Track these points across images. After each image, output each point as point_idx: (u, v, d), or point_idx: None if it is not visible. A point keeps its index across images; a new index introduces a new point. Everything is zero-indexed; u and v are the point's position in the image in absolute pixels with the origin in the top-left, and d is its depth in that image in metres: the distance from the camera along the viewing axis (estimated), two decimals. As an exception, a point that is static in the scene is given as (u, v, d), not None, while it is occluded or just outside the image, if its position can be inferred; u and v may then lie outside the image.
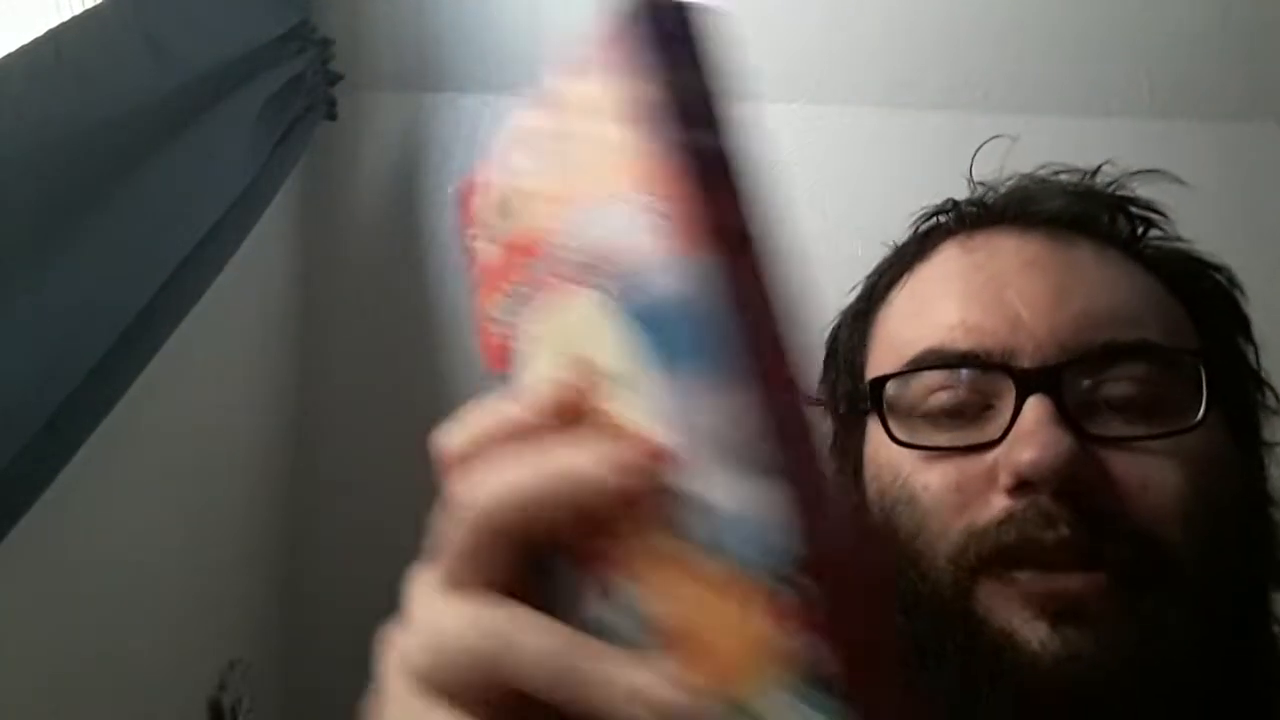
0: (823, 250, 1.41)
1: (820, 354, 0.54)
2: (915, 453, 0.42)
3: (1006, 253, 0.45)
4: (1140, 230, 0.50)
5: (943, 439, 0.41)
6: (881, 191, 1.24)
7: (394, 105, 1.25)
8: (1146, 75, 1.23)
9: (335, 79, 1.15)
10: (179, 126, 0.73)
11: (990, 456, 0.40)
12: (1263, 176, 1.24)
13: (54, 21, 0.63)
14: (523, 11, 1.21)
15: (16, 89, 0.56)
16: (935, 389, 0.42)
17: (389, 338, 1.23)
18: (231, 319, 0.99)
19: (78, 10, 0.71)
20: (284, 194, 1.03)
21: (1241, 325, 0.50)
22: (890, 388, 0.43)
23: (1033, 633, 0.37)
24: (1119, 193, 0.51)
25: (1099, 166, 0.52)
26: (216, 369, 0.97)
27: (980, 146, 0.57)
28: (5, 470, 0.53)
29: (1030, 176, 0.51)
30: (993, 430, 0.40)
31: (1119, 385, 0.40)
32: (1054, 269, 0.43)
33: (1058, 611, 0.37)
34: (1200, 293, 0.48)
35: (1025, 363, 0.40)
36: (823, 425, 0.53)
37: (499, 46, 1.23)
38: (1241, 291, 0.51)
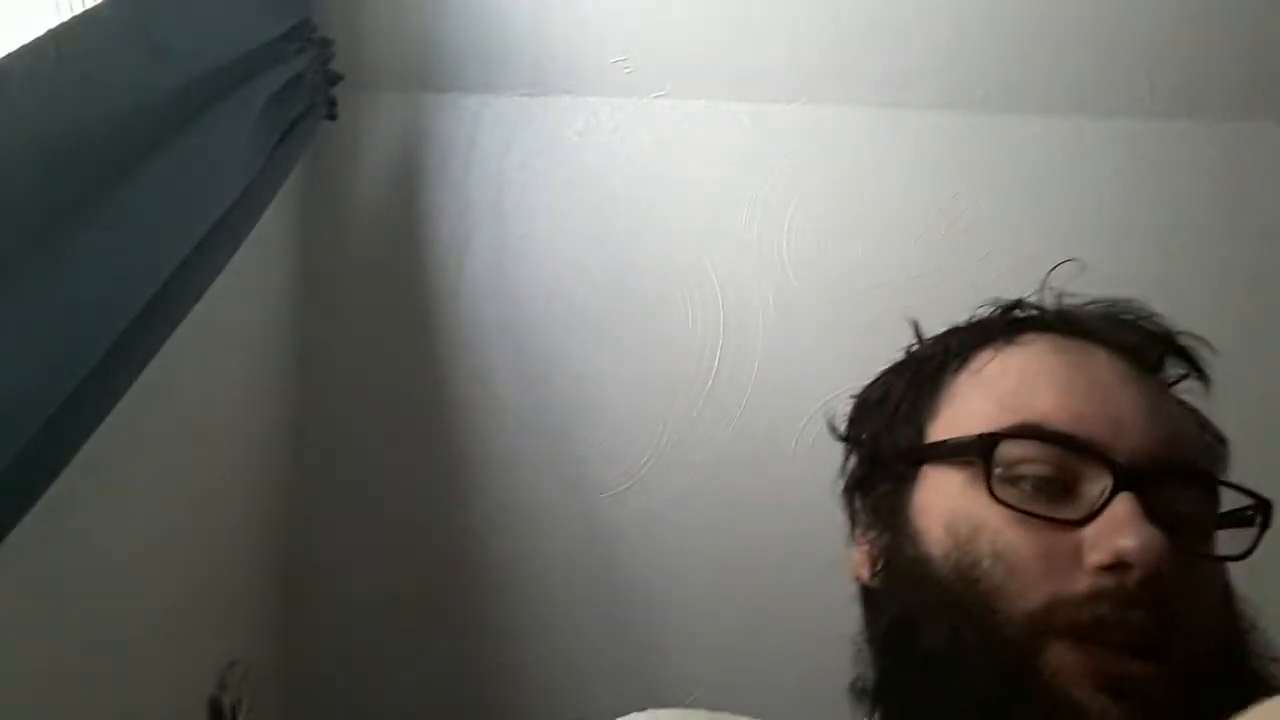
0: (823, 250, 1.42)
1: (858, 402, 0.59)
2: (1006, 513, 0.46)
3: (1101, 364, 0.50)
4: (1188, 377, 0.56)
5: (1031, 507, 0.45)
6: (881, 191, 1.24)
7: (394, 105, 1.25)
8: (1146, 75, 1.23)
9: (335, 79, 1.15)
10: (179, 126, 0.73)
11: (1076, 535, 0.44)
12: (1263, 176, 1.24)
13: (54, 21, 0.63)
14: (523, 11, 1.21)
15: (16, 89, 0.56)
16: (1029, 459, 0.46)
17: (389, 337, 1.23)
18: (231, 319, 0.99)
19: (78, 10, 0.71)
20: (284, 194, 1.03)
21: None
22: (1001, 447, 0.47)
23: (1095, 704, 0.41)
24: (1182, 341, 0.56)
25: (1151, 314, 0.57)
26: (216, 369, 0.97)
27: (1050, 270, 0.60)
28: (5, 470, 0.53)
29: (1106, 302, 0.57)
30: (1073, 512, 0.45)
31: (1188, 503, 0.46)
32: (1145, 391, 0.50)
33: (1123, 690, 0.41)
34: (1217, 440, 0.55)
35: (1122, 459, 0.45)
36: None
37: (499, 46, 1.23)
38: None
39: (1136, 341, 0.53)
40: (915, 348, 0.60)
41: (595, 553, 1.20)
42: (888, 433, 0.54)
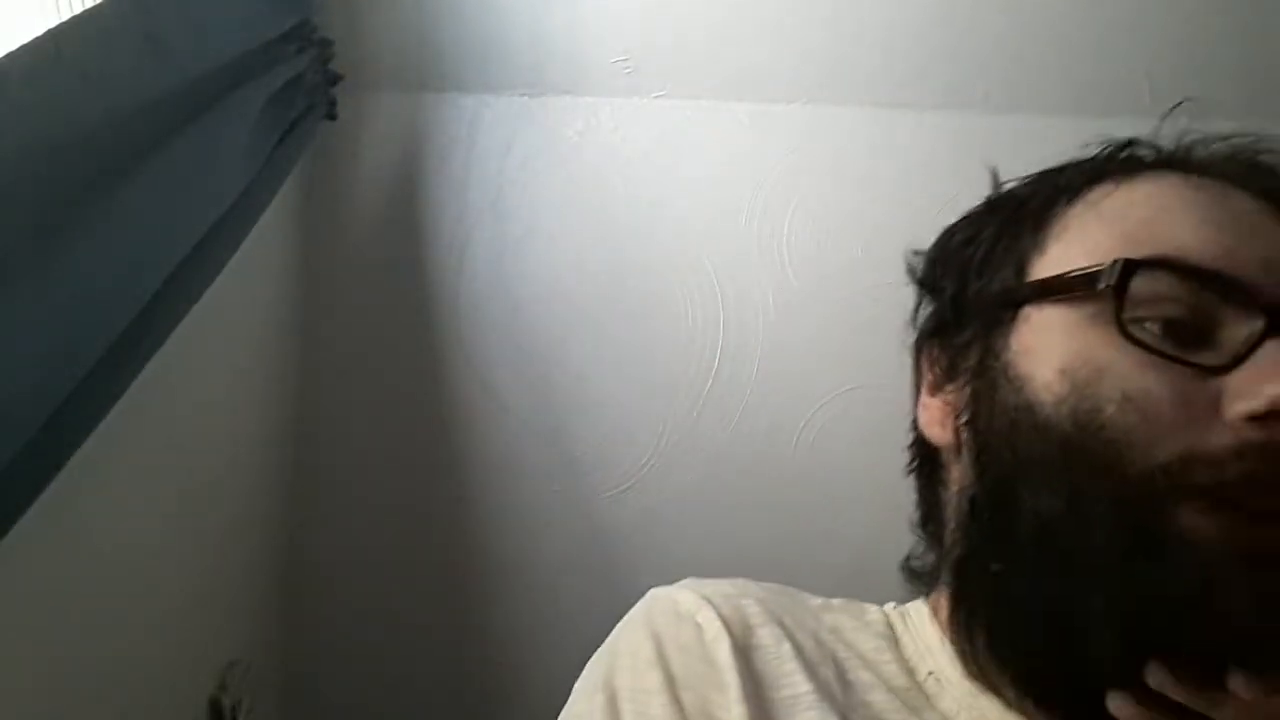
0: (823, 250, 1.42)
1: (938, 244, 0.53)
2: (1137, 354, 0.40)
3: (1240, 202, 0.44)
4: None
5: (1167, 349, 0.40)
6: (881, 191, 1.24)
7: (394, 105, 1.25)
8: (1146, 75, 1.23)
9: (335, 79, 1.15)
10: (179, 126, 0.73)
11: (1216, 384, 0.39)
12: (1263, 176, 1.24)
13: (54, 21, 0.63)
14: (522, 11, 1.21)
15: (16, 89, 0.56)
16: (1163, 297, 0.41)
17: (389, 337, 1.23)
18: (231, 319, 0.99)
19: (78, 10, 0.71)
20: (284, 194, 1.03)
21: None
22: (1140, 277, 0.41)
23: (1236, 581, 0.36)
24: None
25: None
26: (216, 369, 0.97)
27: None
28: (5, 470, 0.53)
29: (1237, 141, 0.49)
30: (1215, 358, 0.39)
31: None
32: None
33: (1270, 565, 0.36)
34: None
35: (1275, 303, 0.39)
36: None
37: (499, 46, 1.23)
38: None
39: (1277, 185, 0.46)
40: (1006, 190, 0.54)
41: (595, 553, 1.19)
42: (977, 275, 0.49)
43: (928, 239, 1.30)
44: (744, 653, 0.48)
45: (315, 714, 1.18)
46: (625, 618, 0.53)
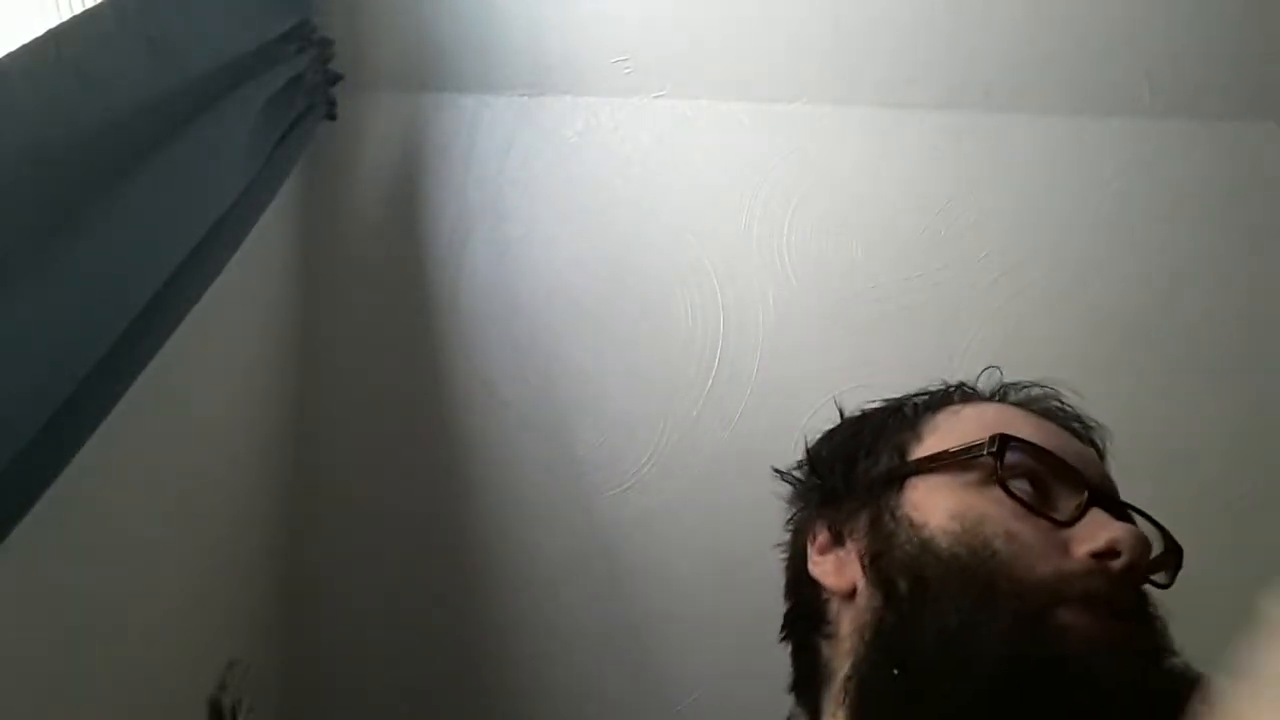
0: (823, 250, 1.42)
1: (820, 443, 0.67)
2: (1009, 507, 0.54)
3: (1051, 426, 0.60)
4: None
5: (1034, 503, 0.54)
6: (881, 191, 1.24)
7: (394, 105, 1.25)
8: (1146, 75, 1.23)
9: (335, 79, 1.15)
10: (179, 126, 0.73)
11: (1063, 533, 0.53)
12: (1263, 176, 1.24)
13: (54, 21, 0.63)
14: (522, 11, 1.21)
15: (16, 89, 0.56)
16: (1023, 467, 0.55)
17: (389, 337, 1.23)
18: (231, 319, 0.99)
19: (78, 10, 0.71)
20: (284, 194, 1.03)
21: None
22: (1010, 452, 0.55)
23: (1100, 658, 0.48)
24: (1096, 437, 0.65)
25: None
26: (216, 369, 0.97)
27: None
28: (5, 470, 0.53)
29: (1028, 388, 0.66)
30: (1059, 515, 0.54)
31: None
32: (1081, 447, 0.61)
33: (1119, 646, 0.49)
34: None
35: (1095, 483, 0.56)
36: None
37: (499, 46, 1.23)
38: None
39: (1073, 418, 0.63)
40: (865, 410, 0.67)
41: (596, 552, 1.20)
42: (865, 457, 0.62)
43: (928, 239, 1.31)
44: None
45: (315, 714, 1.18)
46: None
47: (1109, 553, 0.52)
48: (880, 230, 1.23)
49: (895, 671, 0.52)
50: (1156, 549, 0.56)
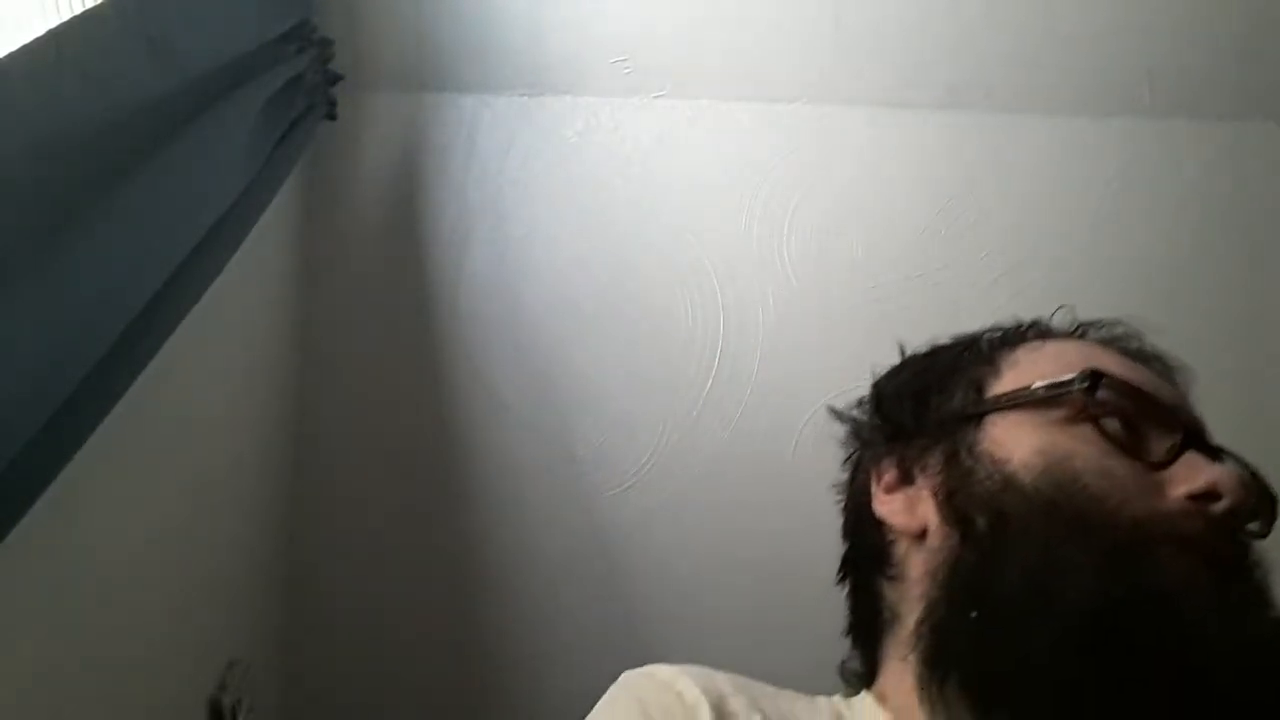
0: (823, 250, 1.41)
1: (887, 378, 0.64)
2: (1100, 445, 0.51)
3: (1138, 365, 0.57)
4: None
5: (1127, 442, 0.52)
6: (881, 191, 1.24)
7: (394, 105, 1.25)
8: (1146, 75, 1.23)
9: (335, 79, 1.15)
10: (179, 126, 0.73)
11: (1157, 474, 0.50)
12: (1262, 176, 1.24)
13: (54, 21, 0.63)
14: (522, 11, 1.21)
15: (16, 89, 0.56)
16: (1114, 405, 0.53)
17: (388, 338, 1.23)
18: (231, 319, 0.99)
19: (78, 10, 0.71)
20: (284, 194, 1.03)
21: None
22: (1101, 389, 0.52)
23: (1206, 604, 0.46)
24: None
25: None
26: (216, 369, 0.97)
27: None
28: (5, 470, 0.53)
29: (1109, 325, 0.63)
30: (1151, 456, 0.51)
31: None
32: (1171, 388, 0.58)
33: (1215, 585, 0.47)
34: None
35: (1189, 424, 0.54)
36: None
37: (498, 46, 1.23)
38: None
39: (1158, 358, 0.60)
40: (934, 346, 0.65)
41: (595, 552, 1.20)
42: (938, 394, 0.59)
43: (928, 239, 1.31)
44: (722, 717, 0.52)
45: (315, 714, 1.18)
46: (604, 697, 0.59)
47: (1209, 495, 0.49)
48: (880, 230, 1.23)
49: (973, 614, 0.49)
50: None
